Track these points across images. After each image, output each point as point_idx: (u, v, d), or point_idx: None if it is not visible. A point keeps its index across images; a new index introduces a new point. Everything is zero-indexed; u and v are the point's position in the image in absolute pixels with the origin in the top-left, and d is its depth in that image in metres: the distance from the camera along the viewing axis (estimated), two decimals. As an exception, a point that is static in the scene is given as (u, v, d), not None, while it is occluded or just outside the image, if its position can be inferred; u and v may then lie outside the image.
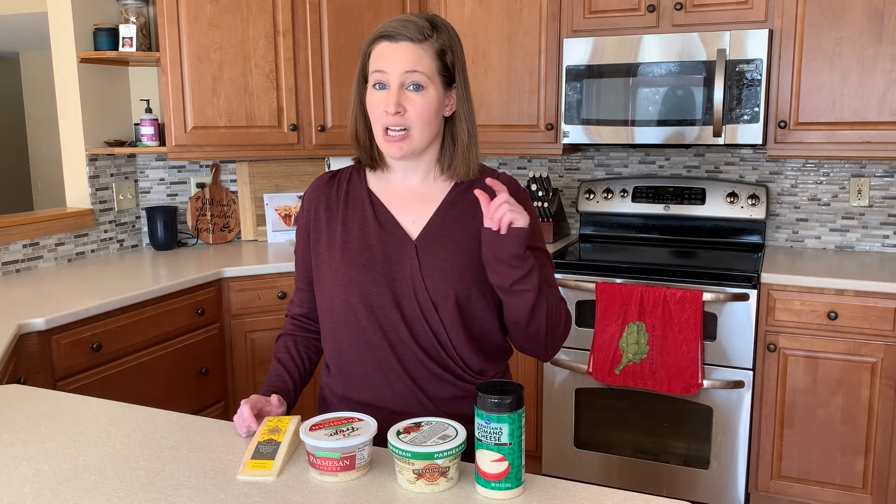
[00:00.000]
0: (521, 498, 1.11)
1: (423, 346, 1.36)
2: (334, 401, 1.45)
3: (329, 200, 1.45)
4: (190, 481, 1.16)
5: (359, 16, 3.24)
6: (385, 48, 1.33)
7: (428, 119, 1.34)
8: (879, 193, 3.09)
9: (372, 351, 1.37)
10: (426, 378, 1.37)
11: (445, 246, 1.37)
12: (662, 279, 2.79)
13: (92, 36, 3.11)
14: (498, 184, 1.26)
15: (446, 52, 1.35)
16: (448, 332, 1.36)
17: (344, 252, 1.39)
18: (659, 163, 3.41)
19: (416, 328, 1.36)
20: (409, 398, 1.37)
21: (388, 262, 1.36)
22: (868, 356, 2.61)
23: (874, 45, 2.71)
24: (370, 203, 1.42)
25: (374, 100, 1.34)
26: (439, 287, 1.34)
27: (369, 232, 1.39)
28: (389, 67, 1.31)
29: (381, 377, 1.37)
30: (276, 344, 1.55)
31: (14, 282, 2.67)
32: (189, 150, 3.08)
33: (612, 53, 2.97)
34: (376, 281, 1.36)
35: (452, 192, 1.42)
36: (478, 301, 1.38)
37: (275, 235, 3.51)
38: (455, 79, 1.37)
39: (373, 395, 1.38)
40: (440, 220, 1.39)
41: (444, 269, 1.35)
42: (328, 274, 1.40)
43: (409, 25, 1.32)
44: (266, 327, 2.96)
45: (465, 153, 1.39)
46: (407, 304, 1.35)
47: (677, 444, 2.86)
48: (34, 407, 1.47)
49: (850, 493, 2.71)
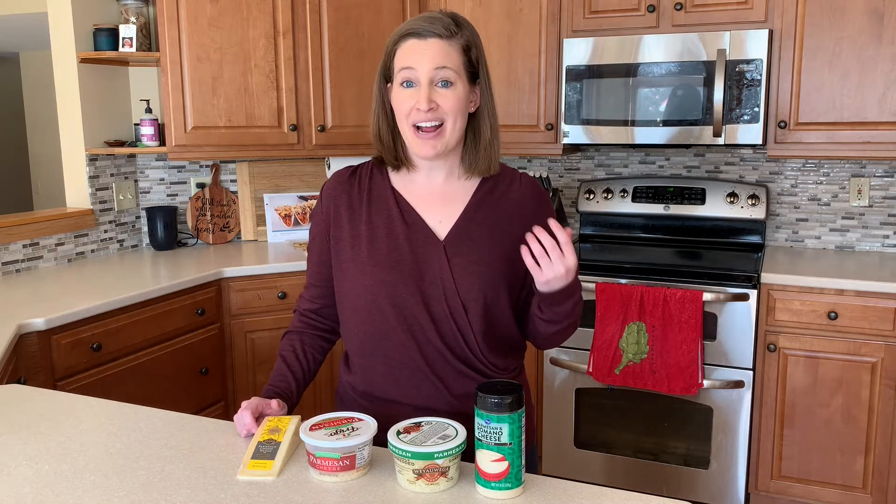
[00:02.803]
0: (521, 498, 1.11)
1: (450, 345, 1.37)
2: (356, 397, 1.44)
3: (351, 197, 1.44)
4: (190, 481, 1.16)
5: (359, 16, 3.24)
6: (413, 45, 1.32)
7: (461, 113, 1.35)
8: (879, 193, 3.09)
9: (398, 350, 1.37)
10: (452, 376, 1.38)
11: (473, 248, 1.37)
12: (662, 279, 2.79)
13: (92, 36, 3.11)
14: (561, 233, 1.24)
15: (471, 48, 1.36)
16: (475, 332, 1.37)
17: (371, 251, 1.38)
18: (659, 163, 3.41)
19: (443, 328, 1.36)
20: (434, 396, 1.37)
21: (416, 262, 1.36)
22: (868, 356, 2.61)
23: (874, 45, 2.71)
24: (395, 202, 1.41)
25: (403, 97, 1.34)
26: (471, 289, 1.35)
27: (396, 231, 1.38)
28: (419, 64, 1.31)
29: (408, 376, 1.38)
30: (283, 341, 1.54)
31: (14, 282, 2.67)
32: (189, 151, 3.08)
33: (612, 53, 2.97)
34: (405, 281, 1.35)
35: (478, 192, 1.42)
36: (504, 301, 1.39)
37: (275, 235, 3.51)
38: (479, 74, 1.38)
39: (398, 393, 1.38)
40: (467, 222, 1.39)
41: (474, 271, 1.35)
42: (353, 273, 1.39)
43: (436, 22, 1.32)
44: (266, 327, 2.96)
45: (487, 149, 1.40)
46: (435, 305, 1.35)
47: (677, 444, 2.86)
48: (34, 407, 1.46)
49: (850, 493, 2.71)
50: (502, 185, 1.43)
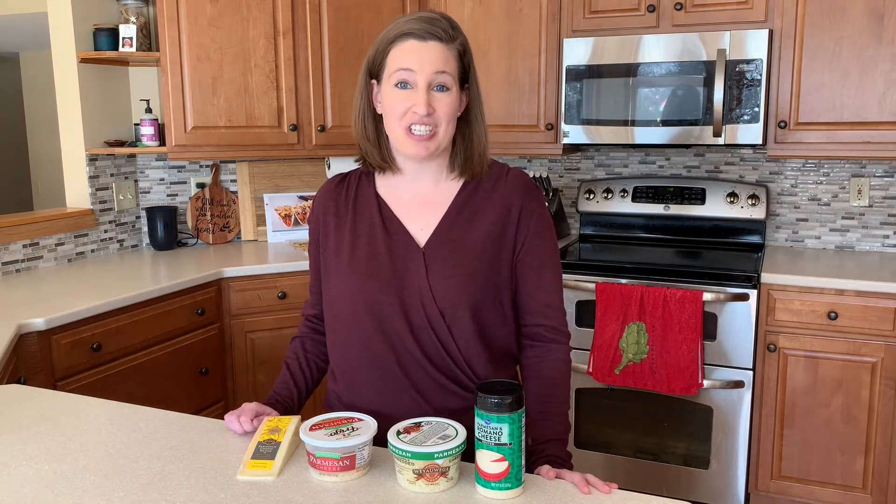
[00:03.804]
0: (521, 498, 1.11)
1: (430, 357, 1.34)
2: (340, 407, 1.44)
3: (338, 205, 1.43)
4: (190, 481, 1.16)
5: (359, 16, 3.24)
6: (412, 47, 1.30)
7: (454, 117, 1.34)
8: (879, 193, 3.09)
9: (377, 362, 1.35)
10: (432, 390, 1.35)
11: (454, 252, 1.34)
12: (662, 279, 2.79)
13: (92, 36, 3.11)
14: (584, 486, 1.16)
15: (465, 53, 1.35)
16: (456, 340, 1.34)
17: (351, 260, 1.37)
18: (659, 163, 3.41)
19: (422, 338, 1.33)
20: (414, 410, 1.35)
21: (395, 271, 1.34)
22: (868, 356, 2.61)
23: (874, 45, 2.71)
24: (378, 209, 1.40)
25: (398, 98, 1.31)
26: (447, 295, 1.32)
27: (377, 240, 1.37)
28: (419, 67, 1.29)
29: (386, 388, 1.36)
30: (290, 345, 1.54)
31: (14, 282, 2.67)
32: (189, 150, 3.08)
33: (612, 53, 2.97)
34: (384, 290, 1.33)
35: (461, 195, 1.39)
36: (488, 306, 1.36)
37: (275, 235, 3.51)
38: (469, 78, 1.37)
39: (378, 405, 1.36)
40: (448, 226, 1.36)
41: (452, 276, 1.33)
42: (336, 282, 1.38)
43: (435, 24, 1.30)
44: (266, 327, 2.96)
45: (481, 154, 1.38)
46: (415, 314, 1.33)
47: (677, 444, 2.86)
48: (34, 407, 1.46)
49: (850, 493, 2.71)
50: (487, 185, 1.40)
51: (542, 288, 1.40)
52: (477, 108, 1.38)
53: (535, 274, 1.39)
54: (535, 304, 1.40)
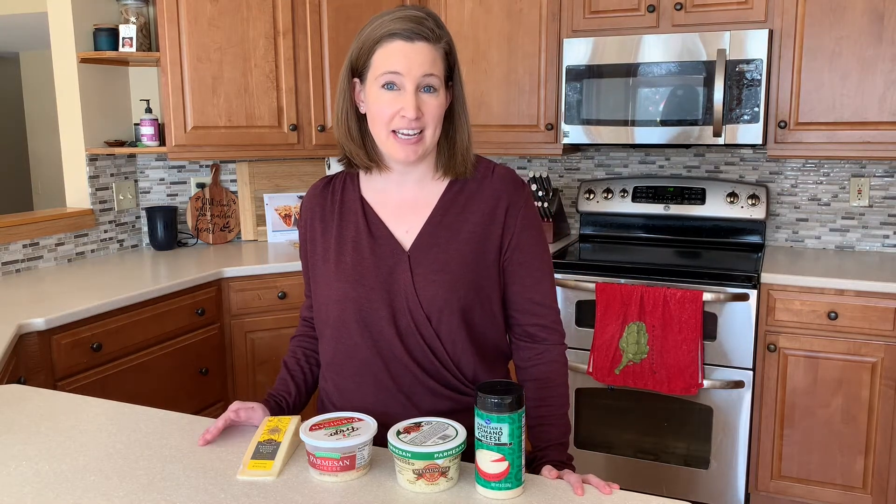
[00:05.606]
0: (521, 498, 1.11)
1: (419, 361, 1.33)
2: (332, 409, 1.44)
3: (324, 210, 1.42)
4: (190, 481, 1.16)
5: (359, 16, 3.24)
6: (400, 47, 1.25)
7: (441, 119, 1.31)
8: (879, 193, 3.09)
9: (365, 367, 1.35)
10: (421, 394, 1.34)
11: (438, 254, 1.32)
12: (662, 279, 2.79)
13: (92, 36, 3.11)
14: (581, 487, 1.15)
15: (451, 52, 1.32)
16: (444, 344, 1.33)
17: (338, 266, 1.35)
18: (659, 163, 3.41)
19: (410, 343, 1.32)
20: (402, 414, 1.33)
21: (381, 275, 1.32)
22: (868, 356, 2.61)
23: (874, 45, 2.71)
24: (363, 214, 1.37)
25: (384, 100, 1.27)
26: (434, 299, 1.31)
27: (362, 245, 1.35)
28: (407, 69, 1.25)
29: (375, 393, 1.35)
30: (290, 345, 1.54)
31: (14, 282, 2.67)
32: (189, 150, 3.08)
33: (612, 53, 2.97)
34: (369, 296, 1.32)
35: (446, 195, 1.37)
36: (476, 308, 1.35)
37: (275, 235, 3.51)
38: (453, 77, 1.34)
39: (367, 411, 1.35)
40: (433, 228, 1.34)
41: (437, 279, 1.31)
42: (323, 288, 1.37)
43: (423, 24, 1.25)
44: (266, 327, 2.96)
45: (465, 154, 1.35)
46: (402, 319, 1.32)
47: (677, 444, 2.86)
48: (34, 407, 1.46)
49: (850, 493, 2.71)
50: (473, 184, 1.36)
51: (532, 286, 1.38)
52: (460, 107, 1.35)
53: (524, 272, 1.37)
54: (525, 302, 1.38)
